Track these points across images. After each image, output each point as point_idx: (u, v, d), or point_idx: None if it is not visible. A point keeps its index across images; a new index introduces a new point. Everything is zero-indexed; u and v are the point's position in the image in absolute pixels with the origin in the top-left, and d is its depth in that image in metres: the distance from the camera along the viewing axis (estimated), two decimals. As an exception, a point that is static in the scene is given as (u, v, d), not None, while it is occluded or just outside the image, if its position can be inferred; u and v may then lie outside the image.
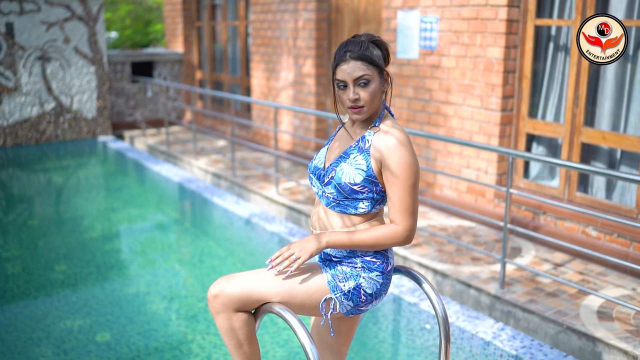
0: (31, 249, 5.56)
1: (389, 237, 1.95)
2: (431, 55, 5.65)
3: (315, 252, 1.94)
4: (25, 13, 9.18)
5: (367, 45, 1.96)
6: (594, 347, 3.34)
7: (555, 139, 5.01)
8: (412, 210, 1.94)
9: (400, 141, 1.94)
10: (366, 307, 2.04)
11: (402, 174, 1.91)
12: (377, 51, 1.98)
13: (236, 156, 7.85)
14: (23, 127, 9.45)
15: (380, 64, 1.97)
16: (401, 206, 1.92)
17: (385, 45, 2.02)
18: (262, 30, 8.28)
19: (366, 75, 1.93)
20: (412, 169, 1.93)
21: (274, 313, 1.94)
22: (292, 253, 1.93)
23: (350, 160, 1.97)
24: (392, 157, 1.92)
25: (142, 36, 15.01)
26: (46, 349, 3.71)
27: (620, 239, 4.34)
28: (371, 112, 2.00)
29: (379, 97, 2.00)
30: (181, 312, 4.27)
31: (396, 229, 1.94)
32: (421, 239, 4.88)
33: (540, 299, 3.79)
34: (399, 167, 1.91)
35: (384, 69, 1.99)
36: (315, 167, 2.11)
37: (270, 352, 3.66)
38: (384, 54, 2.01)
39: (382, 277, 2.02)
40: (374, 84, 1.95)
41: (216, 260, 5.30)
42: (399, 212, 1.93)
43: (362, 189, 1.96)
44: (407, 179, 1.92)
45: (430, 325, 3.74)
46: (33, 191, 7.83)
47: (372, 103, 1.97)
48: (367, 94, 1.95)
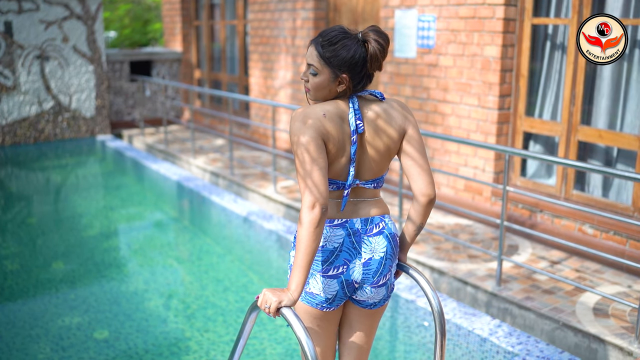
0: (30, 246, 5.57)
1: (300, 226, 1.87)
2: (429, 54, 5.66)
3: (287, 304, 1.87)
4: (24, 12, 9.19)
5: (340, 41, 1.93)
6: (589, 344, 3.36)
7: (552, 138, 5.03)
8: (303, 183, 1.89)
9: (293, 116, 1.96)
10: (308, 289, 2.02)
11: (293, 144, 1.93)
12: (349, 51, 1.92)
13: (234, 155, 7.87)
14: (22, 126, 9.46)
15: (331, 66, 1.93)
16: (297, 177, 1.93)
17: (377, 48, 1.93)
18: (261, 29, 8.30)
19: (314, 66, 1.96)
20: (294, 141, 1.91)
21: None
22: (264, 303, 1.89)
23: None
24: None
25: (140, 35, 15.01)
26: (45, 345, 3.72)
27: (616, 236, 4.36)
28: (319, 99, 2.02)
29: (328, 91, 1.99)
30: (179, 310, 4.29)
31: (300, 215, 1.89)
32: (418, 236, 4.90)
33: (537, 296, 3.81)
34: (290, 137, 1.95)
35: (338, 73, 1.94)
36: None
37: (267, 350, 3.67)
38: (356, 58, 1.93)
39: None
40: (319, 78, 1.96)
41: (214, 258, 5.31)
42: (299, 185, 1.94)
43: None
44: (294, 152, 1.92)
45: (428, 323, 3.76)
46: (32, 190, 7.84)
47: (316, 92, 2.00)
48: (313, 83, 1.99)
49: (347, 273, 2.02)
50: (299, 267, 1.86)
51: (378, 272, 2.04)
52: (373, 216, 2.06)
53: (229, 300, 4.38)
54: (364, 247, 2.03)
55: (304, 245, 1.85)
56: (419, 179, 2.03)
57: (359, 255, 2.03)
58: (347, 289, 2.04)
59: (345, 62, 1.93)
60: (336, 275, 2.01)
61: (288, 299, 1.85)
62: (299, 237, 1.86)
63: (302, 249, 1.85)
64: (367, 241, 2.04)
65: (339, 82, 1.97)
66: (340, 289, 2.03)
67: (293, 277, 1.87)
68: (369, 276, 2.04)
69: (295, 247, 1.88)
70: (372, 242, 2.04)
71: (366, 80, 2.01)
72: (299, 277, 1.86)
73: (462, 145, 5.44)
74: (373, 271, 2.04)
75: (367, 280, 2.04)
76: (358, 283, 2.05)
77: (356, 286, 2.05)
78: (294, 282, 1.86)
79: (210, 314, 4.15)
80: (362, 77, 1.98)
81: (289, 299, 1.85)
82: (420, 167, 2.03)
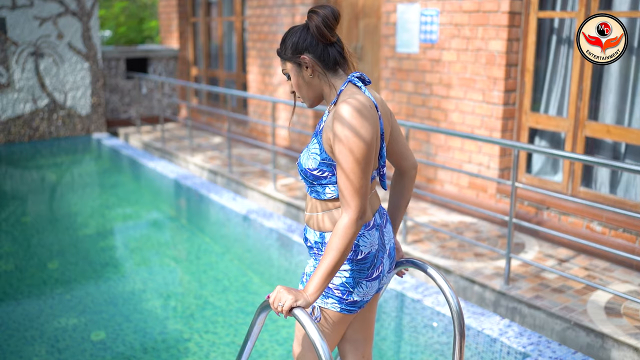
0: (24, 246, 5.45)
1: (342, 235, 1.73)
2: (432, 49, 5.56)
3: (304, 306, 1.77)
4: (18, 8, 9.05)
5: (285, 36, 1.90)
6: (602, 344, 3.26)
7: (558, 133, 4.93)
8: (356, 190, 1.73)
9: (343, 114, 1.72)
10: (349, 298, 1.92)
11: (345, 148, 1.71)
12: (294, 35, 1.86)
13: (232, 152, 7.75)
14: (16, 124, 9.32)
15: (284, 55, 1.89)
16: (344, 186, 1.74)
17: (317, 20, 1.82)
18: (259, 26, 8.18)
19: (283, 69, 1.93)
20: (355, 142, 1.70)
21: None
22: (275, 304, 1.78)
23: (309, 145, 1.90)
24: (335, 132, 1.74)
25: (136, 33, 14.88)
26: (40, 348, 3.61)
27: (625, 233, 4.27)
28: (311, 100, 1.93)
29: (308, 84, 1.90)
30: (178, 311, 4.17)
31: (344, 223, 1.73)
32: (423, 234, 4.80)
33: (546, 295, 3.71)
34: (341, 140, 1.71)
35: (297, 60, 1.85)
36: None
37: (269, 351, 3.57)
38: (304, 36, 1.84)
39: (350, 265, 1.89)
40: (292, 76, 1.91)
41: (213, 257, 5.20)
42: (343, 193, 1.75)
43: (322, 173, 1.85)
44: (350, 153, 1.71)
45: (437, 324, 3.66)
46: (26, 188, 7.71)
47: (302, 92, 1.92)
48: (294, 86, 1.93)
49: (383, 270, 1.99)
50: (326, 273, 1.75)
51: (392, 258, 2.06)
52: (380, 206, 2.05)
53: (228, 301, 4.27)
54: (385, 239, 2.01)
55: (341, 254, 1.74)
56: (409, 154, 2.08)
57: (384, 248, 2.00)
58: (380, 284, 2.03)
59: (294, 45, 1.87)
60: (377, 276, 1.97)
61: (304, 299, 1.75)
62: (338, 245, 1.73)
63: (337, 257, 1.74)
64: (386, 233, 2.02)
65: (305, 67, 1.87)
66: (378, 287, 2.01)
67: (315, 282, 1.76)
68: (390, 265, 2.05)
69: (328, 253, 1.75)
70: (387, 232, 2.03)
71: (337, 56, 1.87)
72: (321, 283, 1.76)
73: (466, 142, 5.34)
74: (392, 259, 2.05)
75: (389, 269, 2.05)
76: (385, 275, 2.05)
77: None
78: (314, 287, 1.76)
79: (209, 315, 4.04)
80: (326, 53, 1.85)
81: (305, 300, 1.75)
82: (406, 145, 2.08)
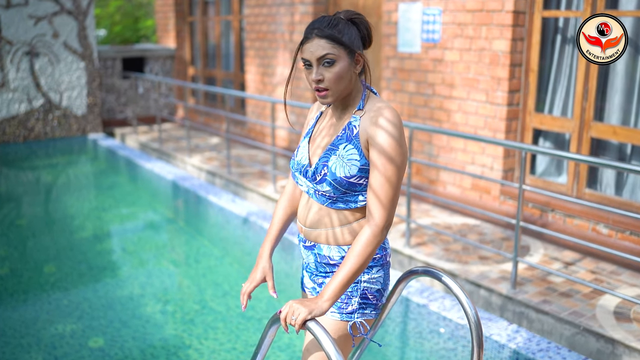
0: (20, 249, 5.35)
1: (369, 243, 1.75)
2: (434, 49, 5.49)
3: (317, 316, 1.72)
4: (13, 7, 8.93)
5: (338, 22, 1.77)
6: (613, 349, 3.19)
7: (563, 134, 4.86)
8: (391, 199, 1.76)
9: (389, 119, 1.75)
10: (381, 302, 1.97)
11: (387, 154, 1.74)
12: (350, 30, 1.78)
13: (231, 153, 7.66)
14: (11, 124, 9.20)
15: (348, 44, 1.76)
16: (380, 192, 1.74)
17: (366, 23, 1.83)
18: (257, 25, 8.09)
19: (330, 54, 1.74)
20: (398, 150, 1.74)
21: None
22: (288, 317, 1.72)
23: (340, 152, 1.80)
24: (377, 136, 1.75)
25: (131, 32, 14.76)
26: (36, 355, 3.52)
27: (632, 236, 4.20)
28: (338, 96, 1.81)
29: (348, 80, 1.79)
30: (177, 315, 4.09)
31: (372, 231, 1.75)
32: (426, 237, 4.72)
33: (554, 299, 3.64)
34: (384, 146, 1.74)
35: (354, 49, 1.78)
36: (298, 163, 1.93)
37: (271, 357, 3.49)
38: (362, 34, 1.82)
39: (382, 270, 1.94)
40: (340, 64, 1.75)
41: (212, 261, 5.11)
42: (375, 200, 1.75)
43: (359, 180, 1.80)
44: (391, 161, 1.74)
45: (444, 330, 3.58)
46: (21, 190, 7.60)
47: (338, 85, 1.77)
48: (332, 75, 1.75)
49: None
50: (346, 280, 1.74)
51: None
52: None
53: (229, 306, 4.19)
54: None
55: (364, 261, 1.75)
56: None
57: None
58: None
59: (355, 38, 1.79)
60: None
61: (319, 308, 1.70)
62: (362, 252, 1.75)
63: (360, 264, 1.75)
64: None
65: (355, 64, 1.81)
66: None
67: (333, 288, 1.73)
68: None
69: (350, 259, 1.75)
70: None
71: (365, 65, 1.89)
72: (340, 289, 1.74)
73: (469, 143, 5.27)
74: None
75: None
76: None
77: None
78: (331, 292, 1.73)
79: (209, 320, 3.95)
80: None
81: (320, 308, 1.70)
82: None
